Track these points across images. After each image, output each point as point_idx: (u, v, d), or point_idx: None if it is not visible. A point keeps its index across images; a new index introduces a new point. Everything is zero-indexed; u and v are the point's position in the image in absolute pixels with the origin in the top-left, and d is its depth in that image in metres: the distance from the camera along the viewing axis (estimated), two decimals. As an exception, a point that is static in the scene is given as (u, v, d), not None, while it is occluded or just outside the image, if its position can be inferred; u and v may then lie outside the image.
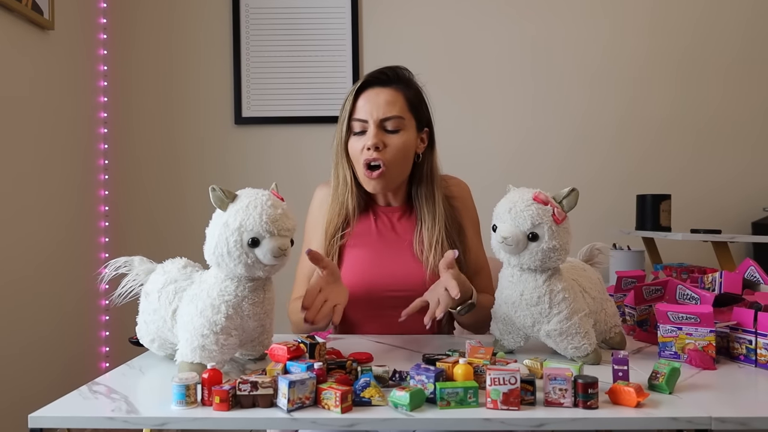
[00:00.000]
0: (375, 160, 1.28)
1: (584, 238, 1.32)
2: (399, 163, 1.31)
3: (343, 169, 1.35)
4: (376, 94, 1.31)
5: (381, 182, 1.31)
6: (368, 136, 1.29)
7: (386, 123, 1.30)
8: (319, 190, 1.46)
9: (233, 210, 0.93)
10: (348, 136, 1.33)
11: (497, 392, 0.80)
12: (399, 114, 1.31)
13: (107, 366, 2.56)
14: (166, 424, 0.79)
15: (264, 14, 2.64)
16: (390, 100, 1.31)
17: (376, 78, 1.33)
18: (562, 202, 1.01)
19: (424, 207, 1.36)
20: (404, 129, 1.32)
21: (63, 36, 2.33)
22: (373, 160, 1.28)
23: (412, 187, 1.40)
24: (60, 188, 2.30)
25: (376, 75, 1.34)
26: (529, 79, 2.65)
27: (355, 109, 1.32)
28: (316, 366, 0.86)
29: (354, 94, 1.33)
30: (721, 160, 2.64)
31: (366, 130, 1.30)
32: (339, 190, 1.37)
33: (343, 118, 1.33)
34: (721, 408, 0.82)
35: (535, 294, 1.01)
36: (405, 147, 1.31)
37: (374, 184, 1.31)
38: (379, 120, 1.29)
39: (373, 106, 1.30)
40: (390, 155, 1.29)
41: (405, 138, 1.31)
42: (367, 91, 1.32)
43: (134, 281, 1.08)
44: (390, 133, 1.30)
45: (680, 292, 1.21)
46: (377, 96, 1.31)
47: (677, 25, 2.64)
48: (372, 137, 1.28)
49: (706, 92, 2.63)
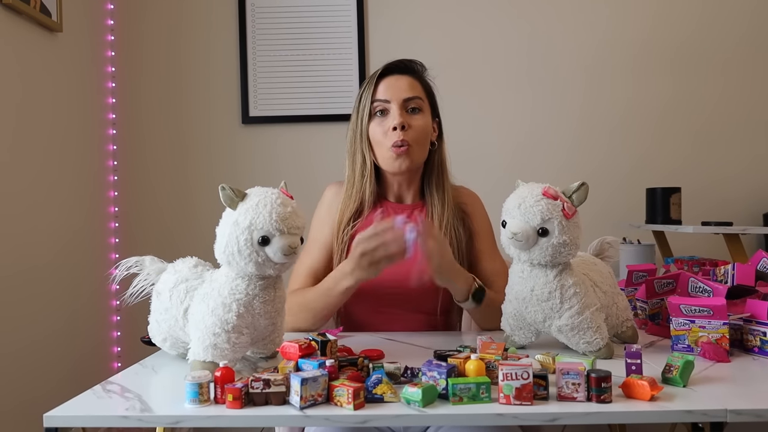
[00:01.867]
0: (402, 141, 1.31)
1: (594, 233, 1.31)
2: (421, 144, 1.36)
3: (362, 155, 1.37)
4: (396, 79, 1.36)
5: (407, 160, 1.33)
6: (392, 116, 1.33)
7: (409, 103, 1.34)
8: (330, 189, 1.47)
9: (243, 209, 0.93)
10: (369, 121, 1.36)
11: (510, 387, 0.80)
12: (419, 95, 1.36)
13: (119, 366, 2.57)
14: (180, 422, 0.80)
15: (270, 13, 2.64)
16: (410, 84, 1.37)
17: (395, 66, 1.39)
18: (572, 197, 1.00)
19: (435, 194, 1.40)
20: (424, 111, 1.36)
21: (71, 38, 2.34)
22: (400, 141, 1.31)
23: (425, 177, 1.43)
24: (69, 190, 2.32)
25: (395, 63, 1.39)
26: (533, 73, 2.64)
27: (377, 92, 1.35)
28: (328, 363, 0.86)
29: (374, 81, 1.37)
30: (731, 152, 2.61)
31: (388, 111, 1.34)
32: (356, 178, 1.38)
33: (363, 105, 1.37)
34: (736, 400, 0.81)
35: (545, 289, 1.01)
36: (425, 129, 1.36)
37: (400, 162, 1.33)
38: (402, 100, 1.33)
39: (395, 89, 1.35)
40: (414, 135, 1.33)
41: (425, 120, 1.36)
42: (387, 77, 1.37)
43: (145, 281, 1.08)
44: (412, 114, 1.34)
45: (692, 284, 1.20)
46: (397, 80, 1.36)
47: (683, 14, 2.61)
48: (397, 116, 1.32)
49: (714, 82, 2.61)
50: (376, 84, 1.36)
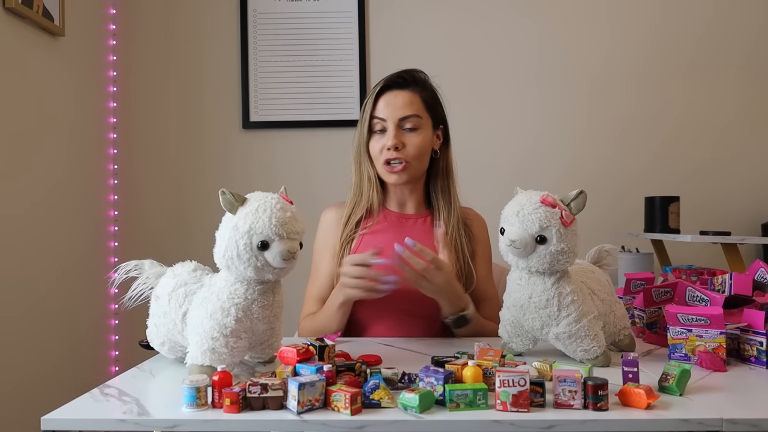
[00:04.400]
0: (395, 159, 1.36)
1: (592, 241, 1.31)
2: (419, 159, 1.39)
3: (367, 167, 1.42)
4: (394, 96, 1.39)
5: (403, 175, 1.37)
6: (388, 137, 1.36)
7: (404, 122, 1.37)
8: (327, 212, 1.50)
9: (243, 213, 0.94)
10: (369, 136, 1.40)
11: (507, 394, 0.80)
12: (416, 113, 1.38)
13: (117, 370, 2.57)
14: (177, 426, 0.80)
15: (271, 19, 2.66)
16: (407, 101, 1.38)
17: (394, 81, 1.41)
18: (570, 205, 1.00)
19: (441, 199, 1.44)
20: (421, 128, 1.39)
21: (73, 42, 2.35)
22: (393, 159, 1.36)
23: (430, 182, 1.47)
24: (70, 193, 2.32)
25: (394, 79, 1.41)
26: (535, 81, 2.65)
27: (376, 109, 1.39)
28: (326, 368, 0.86)
29: (374, 96, 1.40)
30: (730, 162, 2.62)
31: (385, 130, 1.37)
32: (364, 186, 1.43)
33: (364, 119, 1.40)
34: (733, 410, 0.82)
35: (543, 297, 1.01)
36: (422, 145, 1.39)
37: (396, 177, 1.38)
38: (397, 120, 1.36)
39: (392, 108, 1.37)
40: (409, 153, 1.37)
41: (422, 137, 1.39)
42: (386, 93, 1.39)
43: (144, 284, 1.09)
44: (408, 132, 1.37)
45: (690, 293, 1.20)
46: (395, 98, 1.38)
47: (687, 25, 2.63)
48: (392, 138, 1.35)
49: (714, 93, 2.62)
50: (376, 99, 1.39)
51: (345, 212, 1.44)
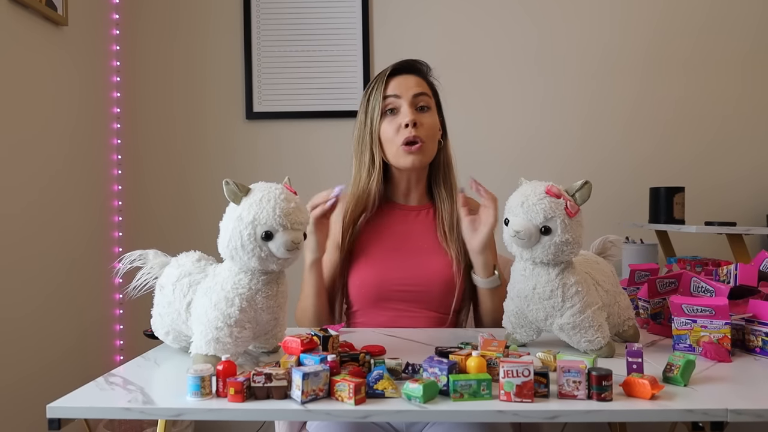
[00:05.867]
0: (414, 138, 1.34)
1: (597, 231, 1.31)
2: (432, 140, 1.39)
3: (371, 153, 1.39)
4: (404, 78, 1.40)
5: (419, 156, 1.36)
6: (403, 114, 1.35)
7: (418, 100, 1.37)
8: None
9: (247, 203, 0.94)
10: (381, 120, 1.38)
11: (511, 384, 0.80)
12: (427, 93, 1.39)
13: (121, 359, 2.58)
14: (182, 414, 0.80)
15: (275, 10, 2.64)
16: (418, 82, 1.40)
17: (403, 66, 1.42)
18: (575, 195, 1.00)
19: (443, 191, 1.44)
20: (432, 109, 1.40)
21: (76, 32, 2.34)
22: (412, 138, 1.34)
23: (431, 174, 1.46)
24: (73, 183, 2.32)
25: (402, 63, 1.42)
26: (539, 72, 2.63)
27: (387, 89, 1.38)
28: (330, 358, 0.86)
29: (384, 80, 1.39)
30: (735, 152, 2.61)
31: (398, 110, 1.36)
32: (363, 177, 1.40)
33: (373, 103, 1.39)
34: (737, 400, 0.82)
35: (547, 288, 1.01)
36: (435, 126, 1.40)
37: (413, 159, 1.36)
38: (411, 97, 1.36)
39: (405, 87, 1.38)
40: (425, 132, 1.36)
41: (434, 118, 1.40)
42: (395, 77, 1.40)
43: (149, 274, 1.09)
44: (421, 112, 1.37)
45: (695, 284, 1.20)
46: (406, 80, 1.40)
47: (691, 15, 2.60)
48: (409, 114, 1.34)
49: (720, 83, 2.60)
50: (385, 84, 1.38)
51: (345, 204, 1.42)
